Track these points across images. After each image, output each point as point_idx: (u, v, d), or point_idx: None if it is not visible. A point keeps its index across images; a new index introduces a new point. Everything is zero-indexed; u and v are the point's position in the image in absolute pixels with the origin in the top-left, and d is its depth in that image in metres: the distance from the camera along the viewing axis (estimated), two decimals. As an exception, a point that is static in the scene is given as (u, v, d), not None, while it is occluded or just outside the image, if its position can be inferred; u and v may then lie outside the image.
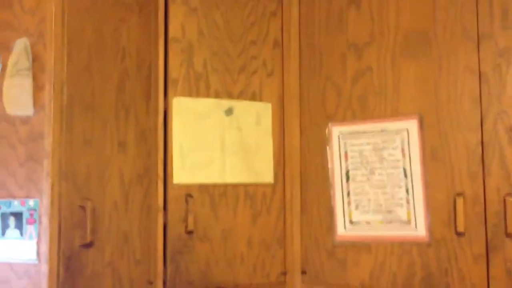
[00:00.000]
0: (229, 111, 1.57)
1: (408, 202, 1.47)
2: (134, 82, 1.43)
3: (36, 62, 1.25)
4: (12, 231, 1.25)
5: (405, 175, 1.48)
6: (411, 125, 1.48)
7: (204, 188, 1.52)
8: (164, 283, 1.45)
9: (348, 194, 1.55)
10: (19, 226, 1.24)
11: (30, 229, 1.23)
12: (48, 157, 1.21)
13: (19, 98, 1.23)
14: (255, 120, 1.60)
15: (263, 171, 1.59)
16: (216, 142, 1.55)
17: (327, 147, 1.58)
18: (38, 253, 1.21)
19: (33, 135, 1.24)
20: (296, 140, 1.62)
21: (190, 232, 1.48)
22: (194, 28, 1.55)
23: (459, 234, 1.38)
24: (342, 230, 1.54)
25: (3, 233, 1.26)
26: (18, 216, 1.24)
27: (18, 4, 1.28)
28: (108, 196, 1.34)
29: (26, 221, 1.23)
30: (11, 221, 1.24)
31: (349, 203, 1.55)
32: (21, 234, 1.24)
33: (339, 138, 1.58)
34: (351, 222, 1.54)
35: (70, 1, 1.28)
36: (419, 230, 1.45)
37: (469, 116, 1.41)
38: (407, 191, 1.47)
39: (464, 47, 1.43)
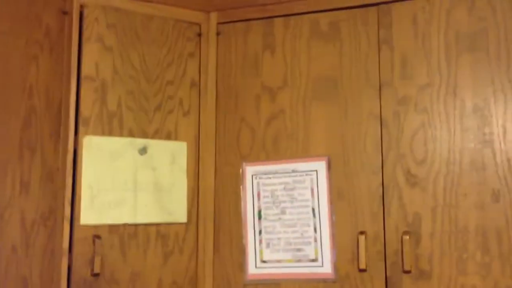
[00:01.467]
0: (143, 150, 1.57)
1: (316, 240, 1.52)
2: (41, 120, 1.39)
3: None
4: None
5: (314, 215, 1.53)
6: (320, 166, 1.55)
7: (113, 228, 1.49)
8: (67, 329, 1.39)
9: (260, 232, 1.58)
10: None
11: None
12: None
13: None
14: (169, 159, 1.60)
15: (176, 211, 1.59)
16: (128, 181, 1.53)
17: (241, 187, 1.61)
18: None
19: None
20: (210, 180, 1.64)
21: (96, 275, 1.44)
22: (108, 67, 1.55)
23: (361, 270, 1.45)
24: (253, 269, 1.56)
25: None
26: None
27: None
28: (6, 239, 1.28)
29: None
30: None
31: (260, 241, 1.57)
32: None
33: (252, 178, 1.61)
34: (262, 260, 1.56)
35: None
36: (326, 267, 1.50)
37: (371, 159, 1.50)
38: (315, 229, 1.53)
39: (368, 94, 1.53)
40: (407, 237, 1.41)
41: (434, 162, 1.43)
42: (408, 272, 1.40)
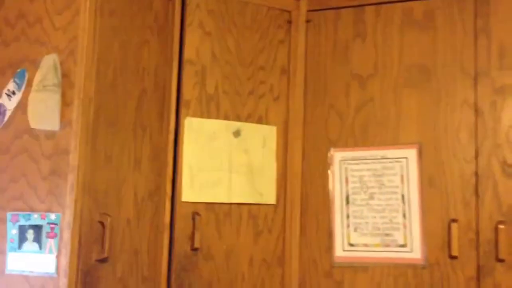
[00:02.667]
0: (237, 133, 1.63)
1: (405, 226, 1.55)
2: (151, 101, 1.47)
3: (65, 78, 1.28)
4: (30, 244, 1.26)
5: (403, 201, 1.56)
6: (411, 154, 1.57)
7: (210, 206, 1.57)
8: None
9: (348, 217, 1.62)
10: (38, 239, 1.25)
11: (50, 242, 1.24)
12: (73, 171, 1.24)
13: (44, 113, 1.25)
14: (261, 142, 1.66)
15: (266, 192, 1.65)
16: (224, 162, 1.60)
17: (329, 171, 1.65)
18: (57, 267, 1.23)
19: (57, 149, 1.26)
20: (298, 163, 1.68)
21: (195, 250, 1.52)
22: (208, 52, 1.61)
23: (452, 258, 1.47)
24: (341, 251, 1.61)
25: (20, 246, 1.27)
26: (37, 229, 1.25)
27: (49, 21, 1.31)
28: (123, 212, 1.37)
29: (46, 235, 1.25)
30: (30, 234, 1.25)
31: (348, 225, 1.61)
32: (40, 247, 1.25)
33: (340, 163, 1.65)
34: (349, 244, 1.60)
35: (101, 20, 1.32)
36: (415, 253, 1.52)
37: (465, 148, 1.51)
38: (404, 216, 1.55)
39: (462, 82, 1.54)
40: (503, 226, 1.42)
41: (533, 153, 1.43)
42: (502, 261, 1.41)
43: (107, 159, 1.32)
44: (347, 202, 1.62)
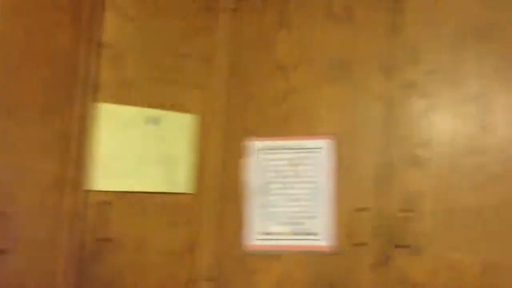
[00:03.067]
0: (154, 121, 1.62)
1: (317, 215, 1.58)
2: (60, 86, 1.44)
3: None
4: None
5: (316, 190, 1.59)
6: (326, 144, 1.60)
7: (122, 196, 1.55)
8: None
9: (263, 206, 1.64)
10: None
11: None
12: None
13: None
14: (178, 131, 1.65)
15: (182, 182, 1.64)
16: (138, 150, 1.58)
17: (246, 161, 1.66)
18: None
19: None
20: (217, 153, 1.69)
21: (105, 240, 1.50)
22: (127, 36, 1.58)
23: (359, 245, 1.51)
24: (255, 240, 1.63)
25: None
26: None
27: None
28: (24, 201, 1.33)
29: None
30: None
31: (263, 214, 1.63)
32: None
33: (258, 153, 1.66)
34: (263, 232, 1.63)
35: (1, 1, 1.27)
36: (325, 241, 1.56)
37: (377, 139, 1.55)
38: (317, 205, 1.59)
39: (377, 77, 1.57)
40: (406, 214, 1.47)
41: (437, 144, 1.49)
42: (403, 247, 1.47)
43: (9, 146, 1.28)
44: (263, 191, 1.64)
